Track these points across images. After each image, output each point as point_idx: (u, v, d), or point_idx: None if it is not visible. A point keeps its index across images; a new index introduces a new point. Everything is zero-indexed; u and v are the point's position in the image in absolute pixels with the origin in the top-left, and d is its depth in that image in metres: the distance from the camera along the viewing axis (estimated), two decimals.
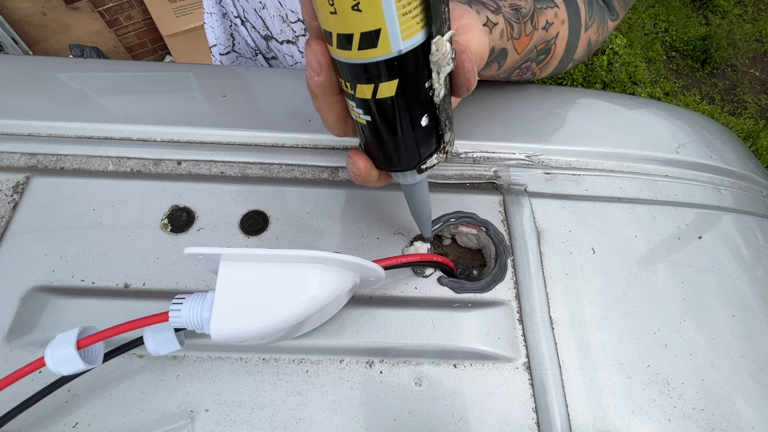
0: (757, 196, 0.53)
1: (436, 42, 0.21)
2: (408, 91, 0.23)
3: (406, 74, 0.22)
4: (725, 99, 2.45)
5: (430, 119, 0.25)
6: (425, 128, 0.25)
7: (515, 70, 0.44)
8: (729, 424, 0.35)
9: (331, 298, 0.28)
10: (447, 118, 0.26)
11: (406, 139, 0.26)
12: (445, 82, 0.24)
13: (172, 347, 0.29)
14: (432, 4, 0.20)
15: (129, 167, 0.43)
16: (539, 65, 0.45)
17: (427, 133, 0.26)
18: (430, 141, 0.27)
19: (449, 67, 0.23)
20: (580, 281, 0.40)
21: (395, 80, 0.22)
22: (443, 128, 0.26)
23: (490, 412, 0.34)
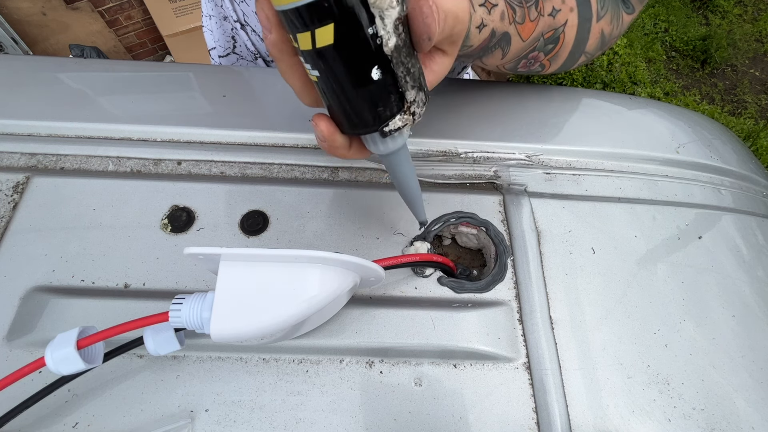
0: (757, 196, 0.53)
1: None
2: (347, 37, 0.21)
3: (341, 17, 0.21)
4: (725, 99, 2.45)
5: (383, 72, 0.23)
6: (379, 82, 0.23)
7: (522, 60, 0.43)
8: (729, 424, 0.35)
9: (331, 298, 0.28)
10: (407, 72, 0.24)
11: (359, 94, 0.24)
12: (396, 30, 0.22)
13: (172, 347, 0.29)
14: None
15: (129, 167, 0.43)
16: (548, 56, 0.44)
17: (382, 88, 0.24)
18: (388, 98, 0.25)
19: (394, 10, 0.21)
20: (580, 281, 0.40)
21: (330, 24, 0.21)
22: (402, 84, 0.24)
23: (490, 412, 0.34)
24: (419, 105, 0.26)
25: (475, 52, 0.38)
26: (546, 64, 0.45)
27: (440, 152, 0.46)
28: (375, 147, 0.28)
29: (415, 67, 0.24)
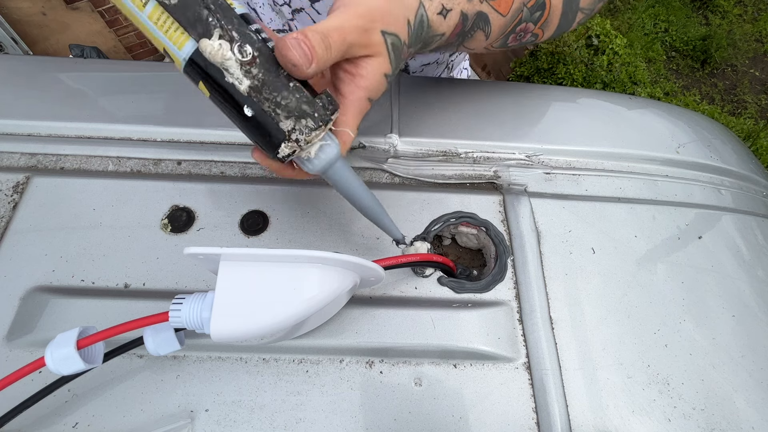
0: (757, 196, 0.53)
1: (200, 45, 0.25)
2: (216, 88, 0.26)
3: (203, 76, 0.26)
4: (725, 99, 2.45)
5: (253, 110, 0.26)
6: (253, 118, 0.27)
7: (510, 35, 0.41)
8: (729, 424, 0.35)
9: (331, 298, 0.28)
10: (276, 105, 0.26)
11: (247, 128, 0.28)
12: (246, 74, 0.25)
13: (172, 347, 0.29)
14: (180, 18, 0.24)
15: (129, 167, 0.43)
16: (538, 24, 0.42)
17: (258, 122, 0.27)
18: (267, 130, 0.27)
19: (232, 60, 0.25)
20: (580, 281, 0.40)
21: (200, 81, 0.26)
22: (274, 117, 0.27)
23: (490, 412, 0.34)
24: (302, 132, 0.28)
25: (452, 40, 0.37)
26: (539, 33, 0.43)
27: (440, 152, 0.46)
28: (304, 167, 0.31)
29: (290, 98, 0.27)
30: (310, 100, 0.28)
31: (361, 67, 0.31)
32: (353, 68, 0.31)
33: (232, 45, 0.25)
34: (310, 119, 0.28)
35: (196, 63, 0.26)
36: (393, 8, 0.31)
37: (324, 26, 0.27)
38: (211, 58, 0.25)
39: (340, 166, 0.31)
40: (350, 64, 0.31)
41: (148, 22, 0.25)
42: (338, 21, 0.28)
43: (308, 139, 0.28)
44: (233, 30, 0.25)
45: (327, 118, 0.28)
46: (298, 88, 0.27)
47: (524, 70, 2.20)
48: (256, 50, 0.26)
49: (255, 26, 0.27)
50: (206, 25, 0.25)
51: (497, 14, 0.38)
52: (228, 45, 0.25)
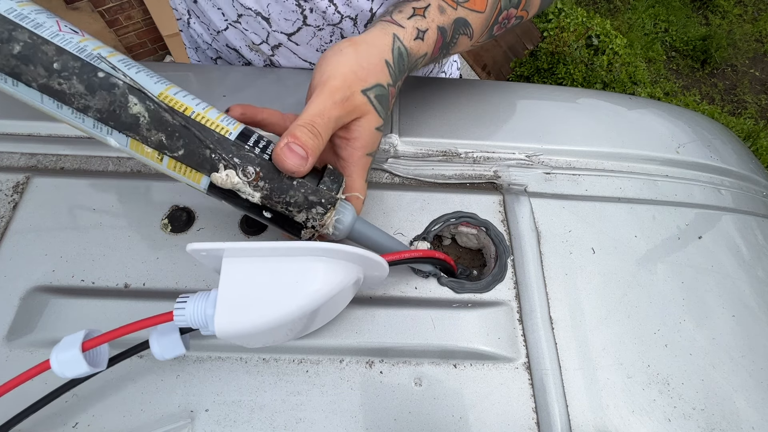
0: (757, 196, 0.53)
1: (211, 179, 0.29)
2: (236, 203, 0.31)
3: (223, 196, 0.31)
4: (725, 99, 2.45)
5: (270, 212, 0.31)
6: (273, 218, 0.31)
7: (494, 27, 0.41)
8: (729, 424, 0.35)
9: (335, 291, 0.28)
10: (288, 205, 0.30)
11: (273, 223, 0.32)
12: (255, 188, 0.29)
13: (177, 351, 0.29)
14: (189, 163, 0.29)
15: (129, 167, 0.43)
16: (519, 8, 0.42)
17: (278, 220, 0.32)
18: (287, 224, 0.32)
19: (240, 183, 0.29)
20: (580, 281, 0.40)
21: (223, 200, 0.31)
22: (290, 215, 0.31)
23: (490, 412, 0.34)
24: (315, 219, 0.31)
25: (437, 55, 0.38)
26: (523, 15, 0.43)
27: (440, 152, 0.46)
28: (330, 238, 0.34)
29: (297, 195, 0.30)
30: (315, 189, 0.31)
31: (352, 130, 0.33)
32: (346, 133, 0.33)
33: (237, 171, 0.29)
34: (319, 206, 0.31)
35: (214, 190, 0.30)
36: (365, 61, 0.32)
37: (307, 115, 0.30)
38: (224, 185, 0.29)
39: (359, 227, 0.34)
40: (343, 130, 0.33)
41: (168, 171, 0.30)
42: (318, 105, 0.30)
43: (322, 223, 0.31)
44: (234, 157, 0.29)
45: (333, 200, 0.31)
46: (302, 183, 0.31)
47: (524, 70, 2.20)
48: (257, 166, 0.29)
49: (253, 138, 0.30)
50: (211, 161, 0.29)
51: (475, 14, 0.38)
52: (233, 172, 0.29)
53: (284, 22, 0.51)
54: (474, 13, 0.38)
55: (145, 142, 0.28)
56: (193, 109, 0.29)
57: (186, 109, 0.29)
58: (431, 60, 0.38)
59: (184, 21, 0.61)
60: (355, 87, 0.31)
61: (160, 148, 0.28)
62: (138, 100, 0.27)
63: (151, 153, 0.29)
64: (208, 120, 0.29)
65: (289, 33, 0.52)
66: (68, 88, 0.26)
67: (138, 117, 0.27)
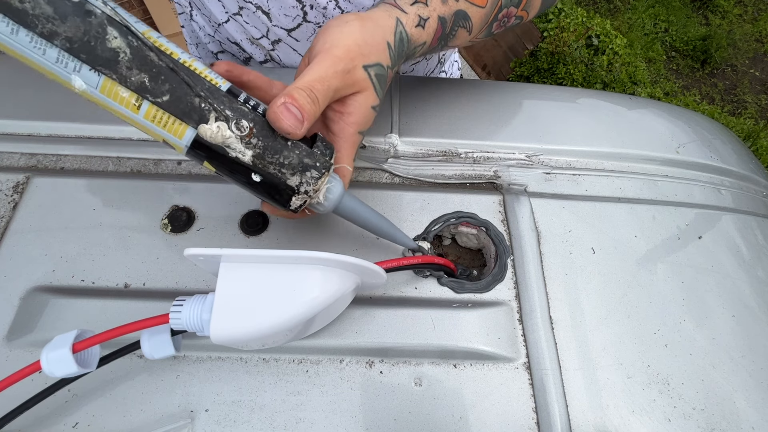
0: (757, 196, 0.53)
1: (198, 131, 0.26)
2: (221, 164, 0.28)
3: (206, 155, 0.28)
4: (725, 99, 2.45)
5: (260, 174, 0.28)
6: (263, 182, 0.29)
7: (493, 24, 0.41)
8: (729, 424, 0.35)
9: (331, 300, 0.28)
10: (281, 166, 0.28)
11: (257, 191, 0.30)
12: (247, 145, 0.27)
13: (166, 351, 0.29)
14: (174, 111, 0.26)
15: (129, 167, 0.43)
16: (520, 7, 0.42)
17: (267, 184, 0.29)
18: (277, 189, 0.29)
19: (232, 137, 0.27)
20: (580, 281, 0.40)
21: (205, 161, 0.28)
22: (281, 177, 0.29)
23: (490, 412, 0.34)
24: (309, 183, 0.29)
25: (434, 45, 0.37)
26: (523, 15, 0.43)
27: (440, 152, 0.46)
28: (316, 210, 0.32)
29: (291, 156, 0.29)
30: (310, 152, 0.29)
31: (348, 104, 0.32)
32: (341, 107, 0.32)
33: (229, 123, 0.26)
34: (314, 170, 0.29)
35: (197, 147, 0.27)
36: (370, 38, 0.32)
37: (307, 80, 0.28)
38: (213, 140, 0.26)
39: (347, 201, 0.33)
40: (338, 103, 0.32)
41: (145, 122, 0.26)
42: (319, 71, 0.29)
43: (315, 188, 0.30)
44: (226, 109, 0.27)
45: (328, 164, 0.30)
46: (296, 144, 0.29)
47: (524, 70, 2.20)
48: (251, 121, 0.27)
49: (243, 96, 0.28)
50: (200, 111, 0.26)
51: (476, 8, 0.38)
52: (225, 125, 0.26)
53: (284, 18, 0.51)
54: (474, 7, 0.38)
55: (123, 82, 0.25)
56: (179, 56, 0.26)
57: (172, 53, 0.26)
58: (428, 50, 0.38)
59: (187, 14, 0.61)
60: (357, 61, 0.30)
61: (140, 91, 0.25)
62: (119, 33, 0.24)
63: (128, 98, 0.25)
64: (195, 69, 0.27)
65: (289, 29, 0.52)
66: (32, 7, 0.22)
67: (117, 52, 0.24)
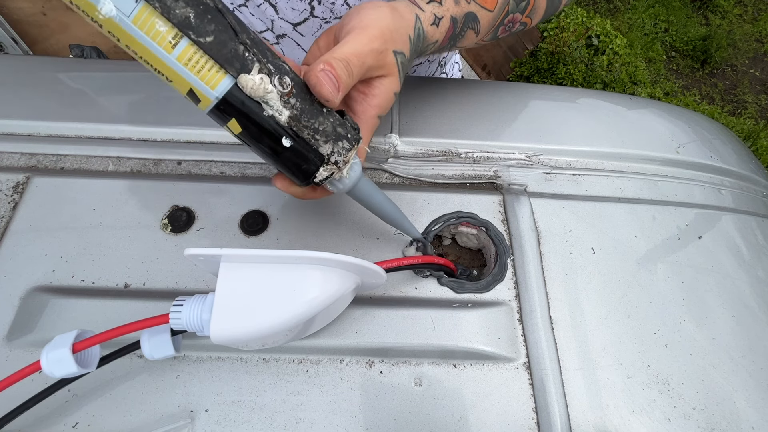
0: (757, 196, 0.53)
1: (239, 81, 0.25)
2: (248, 124, 0.26)
3: (237, 112, 0.26)
4: (725, 99, 2.45)
5: (292, 139, 0.27)
6: (292, 148, 0.27)
7: (499, 28, 0.42)
8: (729, 424, 0.35)
9: (331, 300, 0.28)
10: (315, 132, 0.27)
11: (282, 159, 0.28)
12: (286, 104, 0.26)
13: (166, 352, 0.29)
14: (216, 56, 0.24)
15: (129, 167, 0.43)
16: (525, 13, 0.43)
17: (296, 151, 0.28)
18: (306, 157, 0.28)
19: (273, 92, 0.25)
20: (580, 281, 0.40)
21: (233, 119, 0.26)
22: (314, 143, 0.28)
23: (490, 412, 0.34)
24: (340, 153, 0.29)
25: (445, 45, 0.38)
26: (527, 21, 0.44)
27: (440, 152, 0.46)
28: (334, 188, 0.31)
29: (326, 123, 0.28)
30: (342, 122, 0.29)
31: (374, 87, 0.32)
32: (366, 88, 0.32)
33: (272, 78, 0.25)
34: (346, 141, 0.29)
35: (229, 101, 0.25)
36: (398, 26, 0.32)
37: (344, 52, 0.28)
38: (253, 93, 0.25)
39: (364, 182, 0.32)
40: (363, 84, 0.32)
41: (176, 64, 0.24)
42: (356, 46, 0.29)
43: (346, 160, 0.29)
44: (269, 63, 0.25)
45: (357, 137, 0.29)
46: (330, 112, 0.28)
47: (524, 70, 2.20)
48: (292, 80, 0.26)
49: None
50: (244, 60, 0.24)
51: (485, 11, 0.38)
52: (268, 78, 0.25)
53: (291, 12, 0.50)
54: (484, 10, 0.38)
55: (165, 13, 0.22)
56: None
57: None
58: (438, 49, 0.39)
59: None
60: (389, 45, 0.31)
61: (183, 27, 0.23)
62: None
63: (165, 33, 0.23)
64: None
65: (295, 23, 0.52)
66: None
67: None
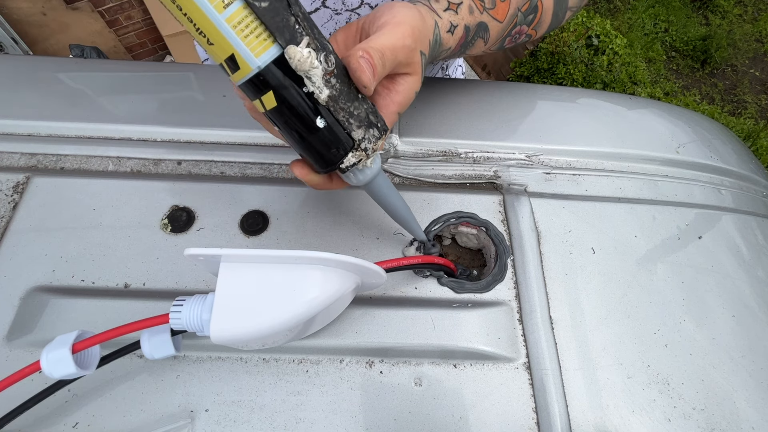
0: (757, 196, 0.53)
1: (287, 51, 0.24)
2: (286, 99, 0.26)
3: (276, 85, 0.25)
4: (725, 99, 2.45)
5: (326, 120, 0.27)
6: (325, 129, 0.27)
7: (506, 39, 0.43)
8: (729, 424, 0.35)
9: (331, 300, 0.28)
10: (350, 115, 0.27)
11: (311, 141, 0.27)
12: (327, 83, 0.25)
13: (167, 351, 0.29)
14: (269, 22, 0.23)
15: (129, 167, 0.43)
16: (531, 26, 0.44)
17: (329, 133, 0.27)
18: (337, 140, 0.28)
19: (318, 69, 0.25)
20: (580, 281, 0.40)
21: (269, 92, 0.25)
22: (347, 126, 0.27)
23: (490, 412, 0.34)
24: (370, 141, 0.28)
25: (456, 52, 0.39)
26: (532, 33, 0.45)
27: (440, 152, 0.46)
28: (349, 180, 0.31)
29: (360, 108, 0.27)
30: (374, 110, 0.29)
31: (398, 83, 0.32)
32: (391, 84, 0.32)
33: (318, 54, 0.25)
34: (376, 129, 0.29)
35: (271, 71, 0.25)
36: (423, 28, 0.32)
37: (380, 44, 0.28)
38: (299, 65, 0.24)
39: (382, 177, 0.32)
40: (388, 79, 0.32)
41: (225, 26, 0.23)
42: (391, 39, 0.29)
43: (375, 148, 0.29)
44: (317, 39, 0.25)
45: (386, 127, 0.29)
46: (365, 98, 0.28)
47: (524, 70, 2.20)
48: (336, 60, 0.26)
49: None
50: (294, 32, 0.24)
51: (495, 22, 0.39)
52: (315, 54, 0.24)
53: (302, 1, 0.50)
54: (494, 21, 0.39)
55: None
56: None
57: None
58: (449, 56, 0.39)
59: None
60: (418, 44, 0.31)
61: None
62: None
63: None
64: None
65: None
66: None
67: None
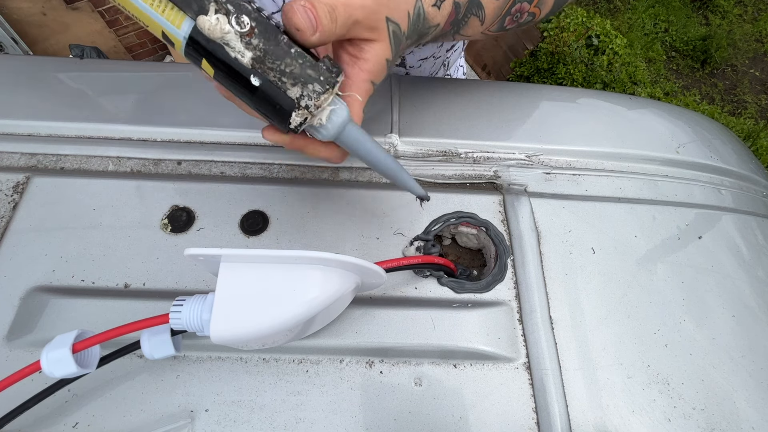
0: (757, 196, 0.53)
1: (197, 21, 0.25)
2: (218, 65, 0.26)
3: (205, 52, 0.26)
4: (725, 99, 2.45)
5: (261, 79, 0.27)
6: (261, 91, 0.27)
7: (506, 18, 0.41)
8: (729, 424, 0.35)
9: (331, 300, 0.28)
10: (282, 74, 0.27)
11: (256, 101, 0.28)
12: (247, 45, 0.26)
13: (167, 351, 0.29)
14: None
15: (129, 167, 0.43)
16: (533, 4, 0.41)
17: (267, 94, 0.27)
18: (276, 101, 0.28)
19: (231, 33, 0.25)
20: (580, 281, 0.40)
21: (203, 59, 0.26)
22: (281, 86, 0.27)
23: (490, 412, 0.34)
24: (311, 97, 0.28)
25: (446, 29, 0.37)
26: (535, 12, 0.43)
27: (440, 152, 0.46)
28: (318, 136, 0.31)
29: (294, 64, 0.27)
30: (314, 64, 0.28)
31: (364, 50, 0.31)
32: (356, 51, 0.31)
33: (229, 18, 0.25)
34: (317, 83, 0.28)
35: (196, 41, 0.26)
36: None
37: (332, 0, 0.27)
38: (210, 34, 0.25)
39: (351, 129, 0.31)
40: (353, 46, 0.31)
41: (145, 6, 0.25)
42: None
43: (317, 104, 0.28)
44: (227, 3, 0.25)
45: (333, 80, 0.28)
46: (300, 53, 0.27)
47: (524, 70, 2.20)
48: (253, 20, 0.26)
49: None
50: (200, 1, 0.25)
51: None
52: (225, 18, 0.25)
53: None
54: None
55: None
56: None
57: None
58: (440, 34, 0.38)
59: None
60: (383, 9, 0.30)
61: None
62: None
63: None
64: None
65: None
66: None
67: None
